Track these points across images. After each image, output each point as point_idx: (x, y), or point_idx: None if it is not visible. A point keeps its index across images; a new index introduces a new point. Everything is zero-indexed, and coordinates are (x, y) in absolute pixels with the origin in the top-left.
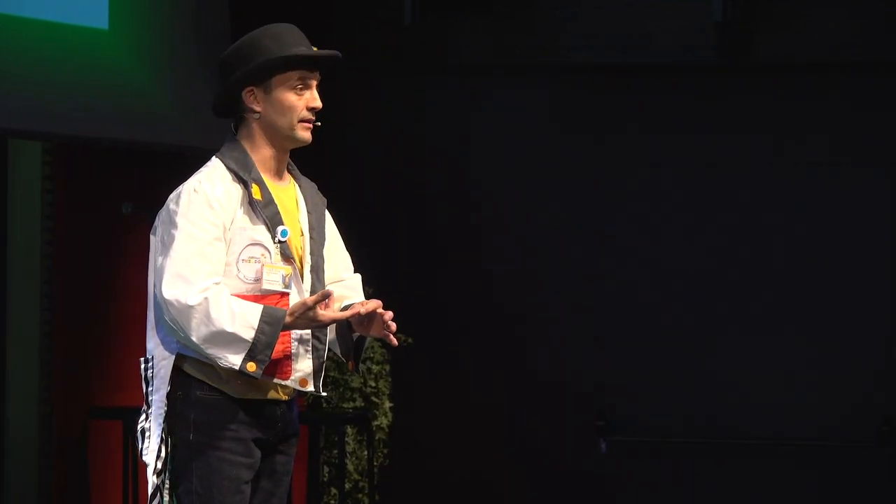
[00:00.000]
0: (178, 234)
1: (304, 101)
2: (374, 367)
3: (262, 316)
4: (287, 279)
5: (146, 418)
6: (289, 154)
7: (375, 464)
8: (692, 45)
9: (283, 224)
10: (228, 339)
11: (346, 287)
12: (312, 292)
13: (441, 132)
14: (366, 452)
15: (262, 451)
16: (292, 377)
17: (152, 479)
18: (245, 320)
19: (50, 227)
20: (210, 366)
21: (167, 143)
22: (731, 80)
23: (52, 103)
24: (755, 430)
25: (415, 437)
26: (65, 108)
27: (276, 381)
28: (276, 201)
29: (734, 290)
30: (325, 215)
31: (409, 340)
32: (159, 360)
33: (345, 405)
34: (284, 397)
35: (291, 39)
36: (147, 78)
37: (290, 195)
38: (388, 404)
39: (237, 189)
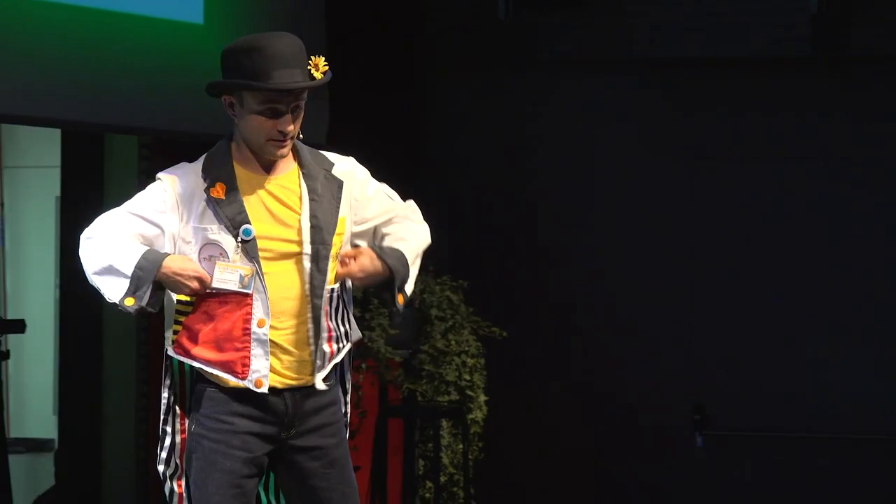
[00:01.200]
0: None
1: (273, 123)
2: (468, 360)
3: (145, 253)
4: (246, 279)
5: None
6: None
7: (470, 457)
8: (787, 37)
9: (248, 223)
10: (111, 274)
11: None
12: (312, 283)
13: (532, 127)
14: (461, 446)
15: (273, 446)
16: (248, 377)
17: (159, 468)
18: (127, 256)
19: None
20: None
21: None
22: (826, 71)
23: (147, 98)
24: (851, 425)
25: (509, 430)
26: (160, 104)
27: (232, 380)
28: (245, 202)
29: (833, 284)
30: (338, 198)
31: (504, 334)
32: (170, 355)
33: (440, 399)
34: (285, 387)
35: (268, 62)
36: None
37: (287, 183)
38: (482, 398)
39: (202, 189)
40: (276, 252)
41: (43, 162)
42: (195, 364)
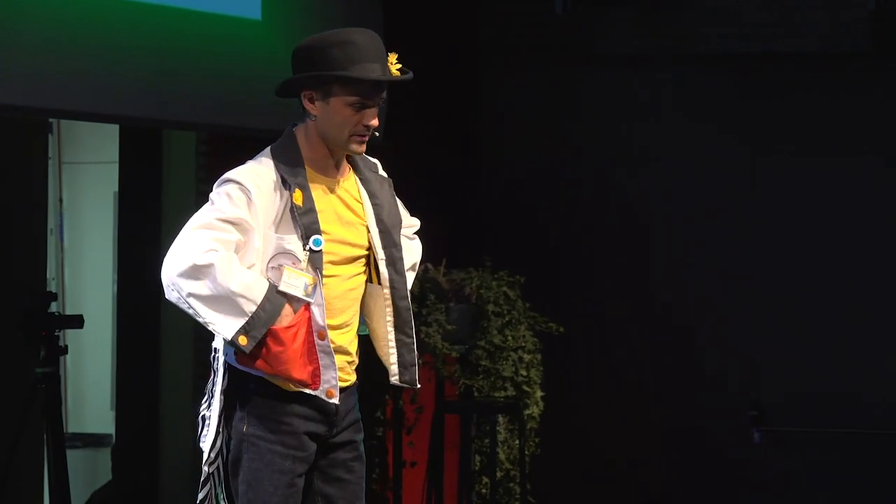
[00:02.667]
0: (202, 210)
1: (359, 117)
2: (525, 356)
3: (267, 292)
4: (310, 288)
5: (208, 406)
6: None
7: (527, 453)
8: (846, 32)
9: (319, 234)
10: (228, 307)
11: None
12: (392, 286)
13: (591, 122)
14: (517, 442)
15: (317, 445)
16: (320, 388)
17: (204, 469)
18: (251, 292)
19: None
20: None
21: None
22: (886, 68)
23: (206, 94)
24: None
25: (566, 426)
26: (218, 99)
27: (303, 390)
28: (318, 207)
29: (891, 281)
30: (394, 197)
31: (561, 329)
32: (222, 352)
33: (496, 394)
34: (336, 396)
35: (361, 55)
36: None
37: (349, 188)
38: (539, 393)
39: (280, 193)
40: (343, 256)
41: (101, 158)
42: (268, 377)
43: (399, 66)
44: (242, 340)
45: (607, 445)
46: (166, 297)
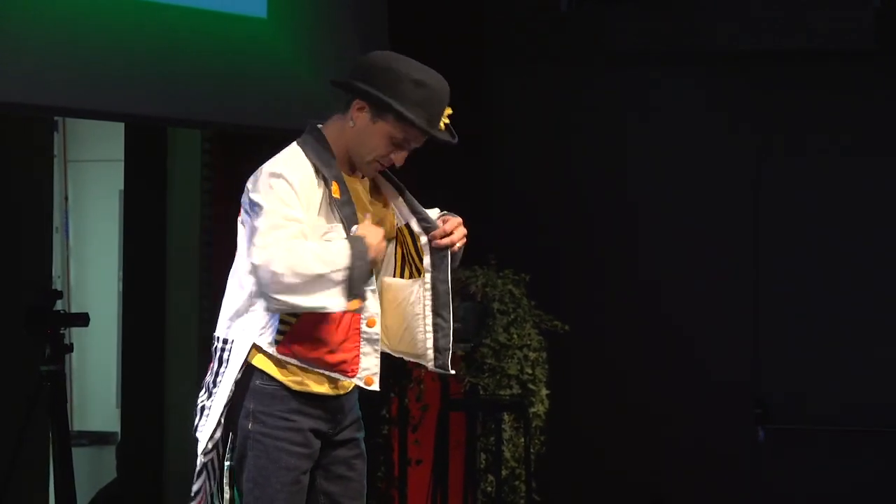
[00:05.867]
0: (260, 215)
1: (392, 150)
2: (530, 354)
3: (350, 251)
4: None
5: (209, 396)
6: None
7: (532, 451)
8: (850, 30)
9: (357, 224)
10: (325, 286)
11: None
12: (433, 267)
13: (596, 120)
14: (522, 440)
15: (322, 441)
16: (358, 375)
17: (200, 458)
18: (335, 264)
19: (209, 215)
20: (276, 358)
21: None
22: (891, 66)
23: (210, 92)
24: None
25: (571, 424)
26: (223, 97)
27: (340, 378)
28: (353, 199)
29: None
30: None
31: (566, 327)
32: (238, 346)
33: (501, 392)
34: (345, 392)
35: (427, 100)
36: (305, 66)
37: (365, 185)
38: (544, 391)
39: (318, 184)
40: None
41: (106, 155)
42: (303, 364)
43: (448, 121)
44: (354, 305)
45: (612, 443)
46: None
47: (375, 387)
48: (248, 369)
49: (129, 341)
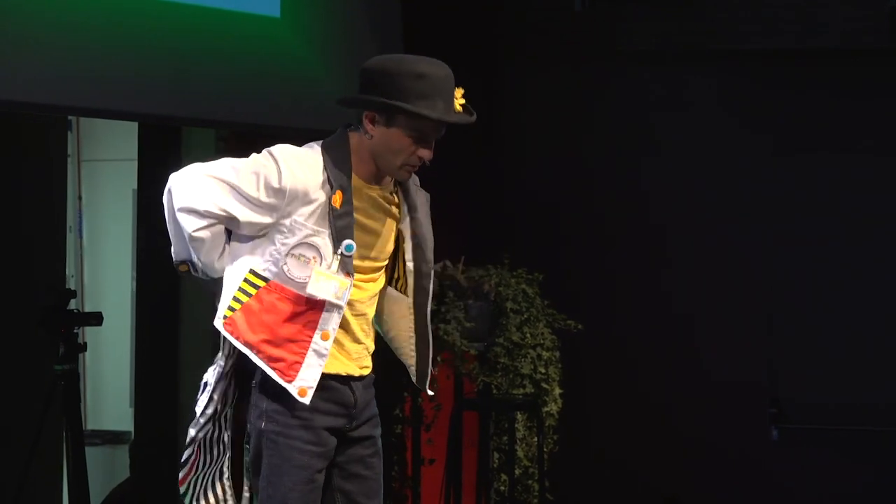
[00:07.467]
0: (232, 161)
1: (416, 148)
2: (544, 353)
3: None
4: (341, 291)
5: (213, 373)
6: None
7: (545, 450)
8: (866, 29)
9: (351, 239)
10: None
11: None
12: (416, 300)
13: (610, 119)
14: (536, 439)
15: (337, 438)
16: (294, 382)
17: (190, 431)
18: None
19: None
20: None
21: None
22: None
23: (225, 91)
24: None
25: (585, 423)
26: (237, 96)
27: (275, 378)
28: (355, 213)
29: None
30: (428, 216)
31: (579, 326)
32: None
33: (514, 391)
34: (356, 373)
35: (431, 90)
36: (319, 66)
37: (388, 198)
38: (558, 390)
39: (322, 189)
40: (371, 266)
41: (120, 155)
42: (243, 349)
43: (463, 101)
44: (183, 268)
45: (625, 442)
46: (163, 196)
47: (306, 400)
48: (258, 369)
49: (143, 341)
